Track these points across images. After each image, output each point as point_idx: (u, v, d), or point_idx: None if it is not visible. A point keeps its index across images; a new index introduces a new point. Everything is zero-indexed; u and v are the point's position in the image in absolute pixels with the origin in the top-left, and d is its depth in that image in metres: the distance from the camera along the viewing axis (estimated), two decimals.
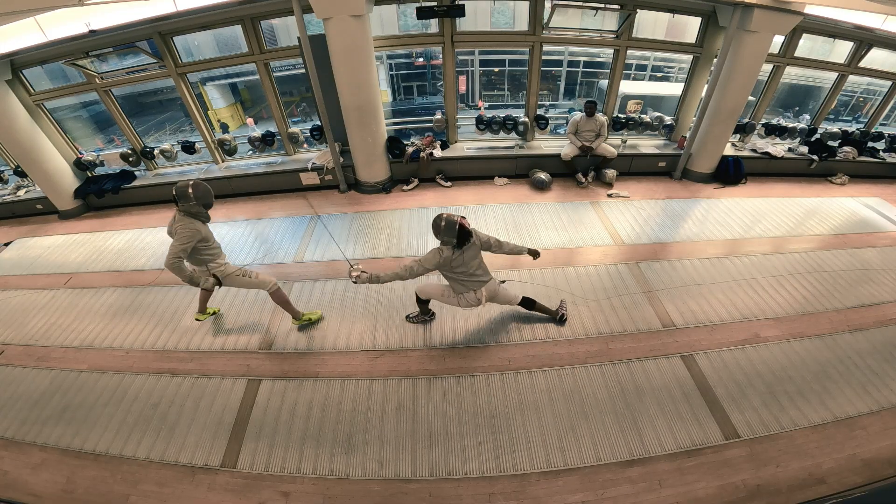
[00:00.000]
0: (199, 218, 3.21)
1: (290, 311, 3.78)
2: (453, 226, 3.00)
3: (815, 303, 4.06)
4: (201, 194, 3.13)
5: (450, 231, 3.00)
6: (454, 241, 3.03)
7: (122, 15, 4.72)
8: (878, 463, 2.78)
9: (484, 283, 3.33)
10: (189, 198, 3.09)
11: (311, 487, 2.74)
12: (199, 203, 3.14)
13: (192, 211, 3.15)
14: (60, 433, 3.20)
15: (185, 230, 3.10)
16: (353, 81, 5.08)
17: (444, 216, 3.02)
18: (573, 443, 2.90)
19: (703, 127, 5.86)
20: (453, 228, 2.99)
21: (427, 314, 3.87)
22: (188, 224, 3.13)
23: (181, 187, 3.10)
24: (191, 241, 3.10)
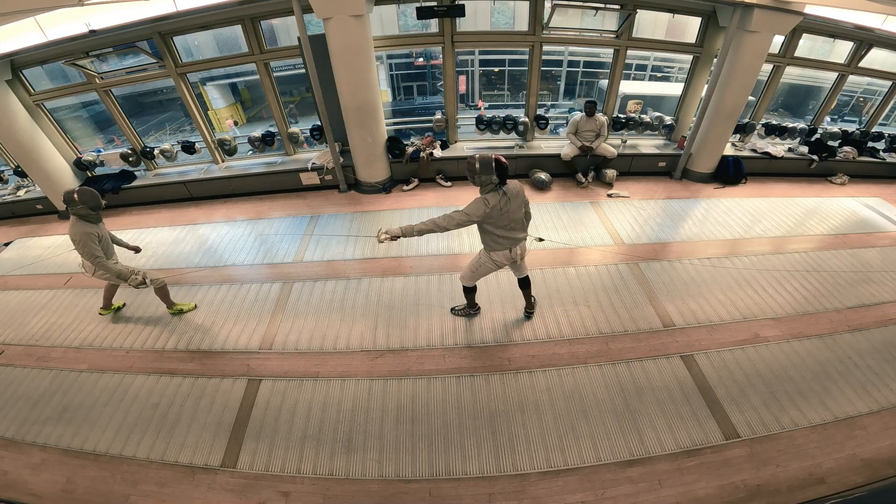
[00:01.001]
0: (88, 220, 3.48)
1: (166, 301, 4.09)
2: (489, 162, 2.74)
3: (815, 303, 4.06)
4: (87, 198, 3.38)
5: (486, 168, 2.74)
6: (496, 180, 2.78)
7: (122, 15, 4.71)
8: (878, 463, 2.78)
9: (521, 240, 3.15)
10: (75, 202, 3.33)
11: (311, 487, 2.74)
12: (86, 206, 3.38)
13: (82, 213, 3.41)
14: (60, 433, 3.20)
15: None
16: (353, 81, 5.08)
17: (475, 156, 2.77)
18: (573, 443, 2.90)
19: (703, 127, 5.86)
20: (490, 165, 2.74)
21: (473, 307, 3.80)
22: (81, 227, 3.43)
23: (68, 193, 3.37)
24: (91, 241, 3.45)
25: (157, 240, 5.46)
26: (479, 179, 2.82)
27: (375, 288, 4.28)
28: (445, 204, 5.74)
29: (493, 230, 3.00)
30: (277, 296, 4.29)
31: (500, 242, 3.07)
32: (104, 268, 3.54)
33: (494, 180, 2.80)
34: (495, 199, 2.83)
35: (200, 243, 5.32)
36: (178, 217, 6.00)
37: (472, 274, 3.42)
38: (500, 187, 2.85)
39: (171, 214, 6.10)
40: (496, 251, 3.14)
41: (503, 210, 2.89)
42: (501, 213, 2.90)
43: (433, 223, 2.89)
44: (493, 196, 2.83)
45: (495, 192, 2.85)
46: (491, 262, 3.22)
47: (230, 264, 4.87)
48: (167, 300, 4.09)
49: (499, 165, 2.77)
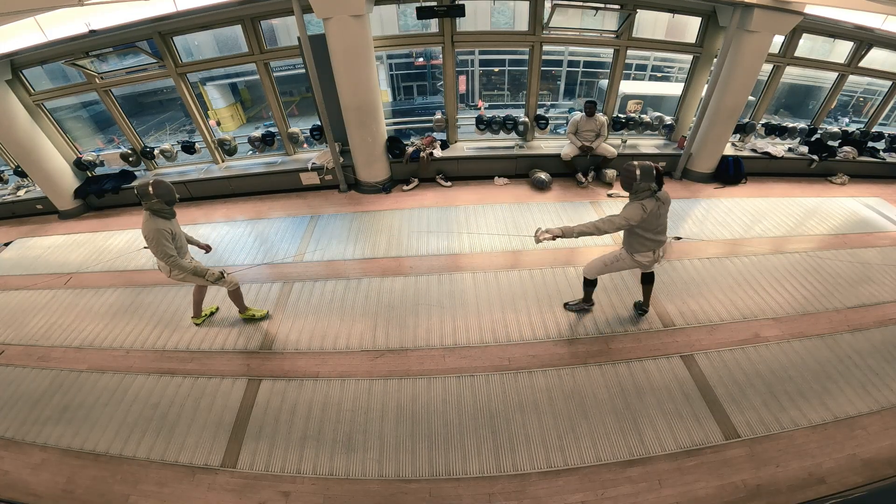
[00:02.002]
0: (162, 215, 3.23)
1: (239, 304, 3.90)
2: (650, 170, 2.86)
3: (815, 303, 4.06)
4: (163, 192, 3.16)
5: (647, 177, 2.86)
6: (655, 187, 2.89)
7: (122, 15, 4.72)
8: (878, 463, 2.78)
9: (664, 242, 3.24)
10: (150, 196, 3.11)
11: (311, 487, 2.74)
12: (161, 200, 3.16)
13: (155, 208, 3.18)
14: (60, 433, 3.20)
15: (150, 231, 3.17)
16: (353, 81, 5.08)
17: (634, 163, 2.91)
18: (573, 443, 2.90)
19: (703, 127, 5.86)
20: (651, 173, 2.86)
21: (589, 302, 3.83)
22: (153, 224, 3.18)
23: (142, 186, 3.13)
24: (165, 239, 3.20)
25: None
26: (638, 186, 2.92)
27: (375, 288, 4.28)
28: (445, 204, 5.74)
29: (643, 233, 3.11)
30: (277, 296, 4.29)
31: (647, 245, 3.19)
32: (179, 267, 3.31)
33: (653, 187, 2.92)
34: (651, 204, 2.95)
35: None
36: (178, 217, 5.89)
37: (603, 268, 3.48)
38: (655, 194, 2.97)
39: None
40: (641, 253, 3.24)
41: (656, 215, 3.02)
42: (654, 218, 3.03)
43: (593, 226, 3.00)
44: (649, 202, 2.95)
45: (651, 198, 2.96)
46: (633, 261, 3.32)
47: (230, 264, 4.87)
48: (241, 304, 3.89)
49: (658, 173, 2.90)
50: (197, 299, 3.95)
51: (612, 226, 2.98)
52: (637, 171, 2.89)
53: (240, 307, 3.93)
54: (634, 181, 2.91)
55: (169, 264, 3.30)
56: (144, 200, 3.13)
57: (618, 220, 2.97)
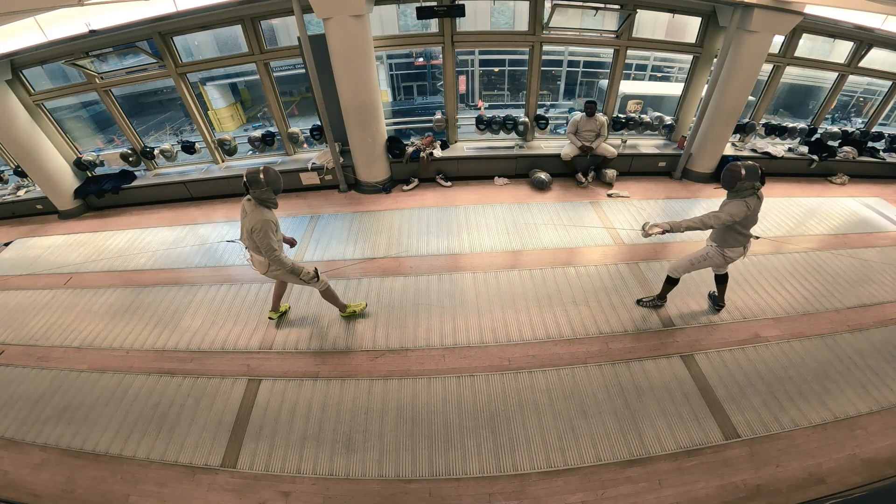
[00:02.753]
0: (268, 205, 3.10)
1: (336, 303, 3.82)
2: (756, 170, 2.93)
3: (815, 303, 4.06)
4: (272, 180, 3.02)
5: (753, 176, 2.93)
6: (759, 185, 2.98)
7: (122, 15, 4.72)
8: (878, 463, 2.78)
9: (752, 237, 3.33)
10: (260, 183, 2.96)
11: (311, 487, 2.74)
12: (270, 189, 3.02)
13: (263, 197, 3.04)
14: (60, 433, 3.20)
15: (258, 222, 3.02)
16: (353, 81, 5.08)
17: (739, 163, 2.97)
18: (573, 443, 2.90)
19: (703, 127, 5.86)
20: (756, 173, 2.93)
21: (663, 299, 3.90)
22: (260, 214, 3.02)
23: (252, 173, 2.97)
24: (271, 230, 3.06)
25: (157, 240, 5.46)
26: (742, 185, 2.99)
27: (375, 288, 4.28)
28: (445, 204, 5.74)
29: (741, 229, 3.21)
30: None
31: (740, 241, 3.29)
32: (279, 262, 3.16)
33: (757, 185, 2.99)
34: (753, 202, 3.05)
35: (200, 243, 5.31)
36: (178, 217, 6.01)
37: (690, 266, 3.58)
38: (757, 192, 3.06)
39: (171, 214, 6.10)
40: (733, 248, 3.34)
41: (755, 212, 3.13)
42: (753, 215, 3.14)
43: (700, 221, 3.10)
44: (752, 200, 3.04)
45: (754, 196, 3.05)
46: (722, 257, 3.41)
47: (230, 264, 4.87)
48: (338, 303, 3.79)
49: (762, 173, 2.99)
50: (278, 293, 3.87)
51: (718, 221, 3.08)
52: (742, 171, 2.95)
53: (338, 306, 3.84)
54: (739, 180, 2.98)
55: (271, 259, 3.15)
56: (253, 188, 2.97)
57: (723, 216, 3.06)
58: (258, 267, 3.36)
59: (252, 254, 3.32)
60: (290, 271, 3.28)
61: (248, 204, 3.09)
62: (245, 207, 3.14)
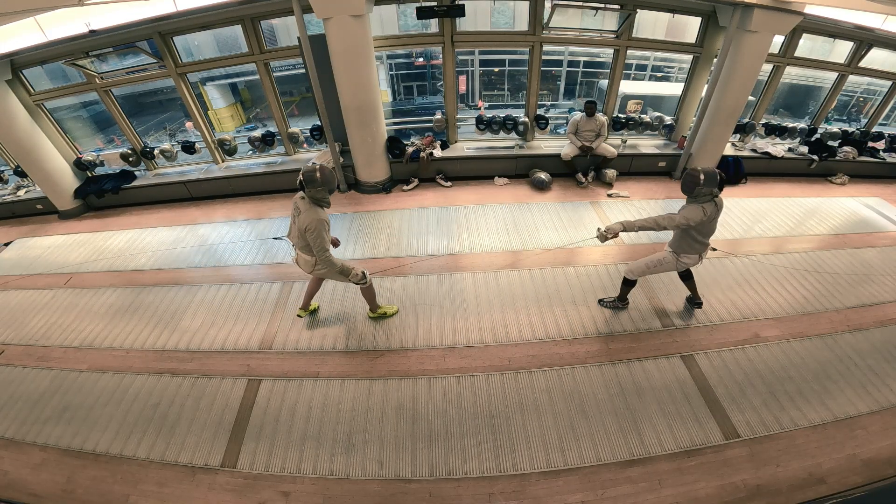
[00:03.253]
0: (322, 204, 3.09)
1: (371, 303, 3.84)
2: (714, 177, 2.93)
3: (815, 303, 4.06)
4: (328, 179, 3.01)
5: (711, 182, 2.93)
6: (716, 192, 2.98)
7: (122, 15, 4.72)
8: (878, 463, 2.78)
9: (708, 245, 3.35)
10: (317, 182, 2.96)
11: (311, 487, 2.74)
12: (325, 188, 3.00)
13: (318, 196, 3.03)
14: (60, 433, 3.20)
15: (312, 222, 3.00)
16: (353, 81, 5.08)
17: (698, 168, 2.97)
18: (573, 443, 2.90)
19: (703, 127, 5.86)
20: (715, 179, 2.93)
21: (624, 301, 3.88)
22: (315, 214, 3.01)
23: (308, 171, 2.96)
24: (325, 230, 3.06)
25: (157, 240, 5.46)
26: (700, 190, 2.97)
27: (375, 288, 4.27)
28: (445, 204, 5.74)
29: (696, 236, 3.21)
30: (277, 296, 4.29)
31: (696, 248, 3.30)
32: (329, 263, 3.16)
33: (715, 192, 3.01)
34: (710, 208, 3.05)
35: (200, 243, 5.31)
36: (178, 217, 6.01)
37: (646, 269, 3.57)
38: (715, 199, 3.06)
39: (171, 214, 6.11)
40: (689, 255, 3.35)
41: (712, 219, 3.11)
42: (710, 222, 3.12)
43: (654, 221, 3.10)
44: (709, 206, 3.05)
45: (711, 202, 3.06)
46: (678, 263, 3.43)
47: (230, 264, 4.87)
48: (373, 302, 3.81)
49: (721, 180, 2.97)
50: (311, 292, 3.83)
51: (672, 223, 3.08)
52: (701, 177, 2.94)
53: (371, 305, 3.84)
54: (697, 185, 2.97)
55: (321, 259, 3.15)
56: (309, 187, 2.96)
57: (678, 218, 3.07)
58: (303, 266, 3.35)
59: (298, 252, 3.30)
60: (339, 272, 3.30)
61: (302, 202, 3.07)
62: (298, 205, 3.10)
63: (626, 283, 3.74)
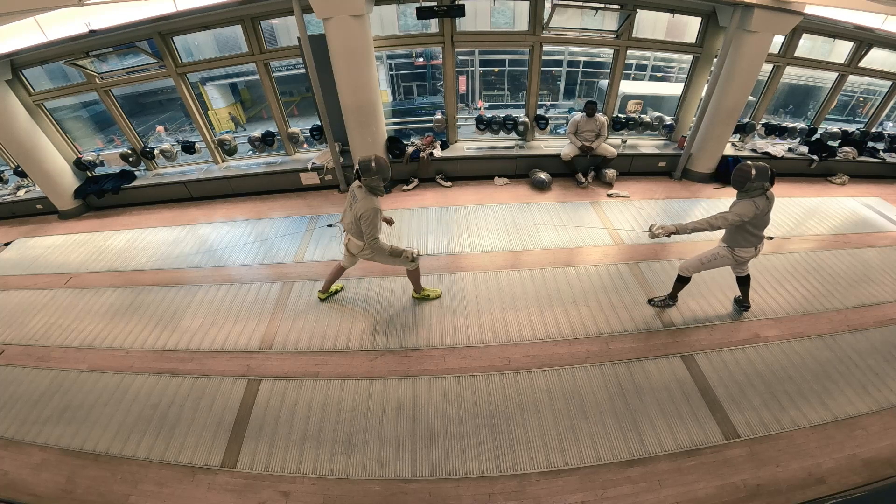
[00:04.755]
0: (377, 192, 3.25)
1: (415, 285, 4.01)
2: (766, 171, 2.93)
3: (815, 303, 4.06)
4: (383, 168, 3.16)
5: (763, 177, 2.94)
6: (768, 186, 2.98)
7: (122, 15, 4.71)
8: (878, 463, 2.78)
9: (764, 238, 3.33)
10: (371, 171, 3.12)
11: (311, 487, 2.74)
12: (380, 177, 3.16)
13: (373, 185, 3.19)
14: (60, 433, 3.20)
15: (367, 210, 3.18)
16: (353, 81, 5.08)
17: (748, 163, 2.97)
18: (573, 443, 2.90)
19: (703, 127, 5.86)
20: (766, 173, 2.93)
21: (674, 298, 3.90)
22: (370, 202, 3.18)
23: (364, 161, 3.14)
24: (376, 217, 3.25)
25: (157, 240, 5.46)
26: (752, 185, 2.99)
27: (375, 288, 4.28)
28: (445, 204, 5.74)
29: (752, 230, 3.20)
30: (277, 296, 4.29)
31: (751, 241, 3.29)
32: (378, 248, 3.37)
33: (766, 186, 3.00)
34: (763, 202, 3.05)
35: (200, 243, 5.32)
36: (178, 217, 6.01)
37: (700, 265, 3.58)
38: (766, 192, 3.06)
39: (171, 214, 6.11)
40: (745, 248, 3.33)
41: (765, 212, 3.12)
42: (763, 215, 3.13)
43: (707, 223, 3.14)
44: (761, 200, 3.04)
45: (763, 196, 3.05)
46: (733, 257, 3.41)
47: (230, 264, 4.87)
48: (418, 284, 3.98)
49: (772, 174, 2.98)
50: (333, 278, 4.01)
51: (726, 222, 3.09)
52: (753, 171, 2.96)
53: (416, 287, 4.00)
54: (749, 180, 2.99)
55: (370, 245, 3.32)
56: (365, 176, 3.13)
57: (731, 216, 3.07)
58: (353, 249, 3.55)
59: (351, 237, 3.49)
60: (390, 254, 3.47)
61: (359, 191, 3.23)
62: (356, 194, 3.26)
63: (679, 279, 3.75)
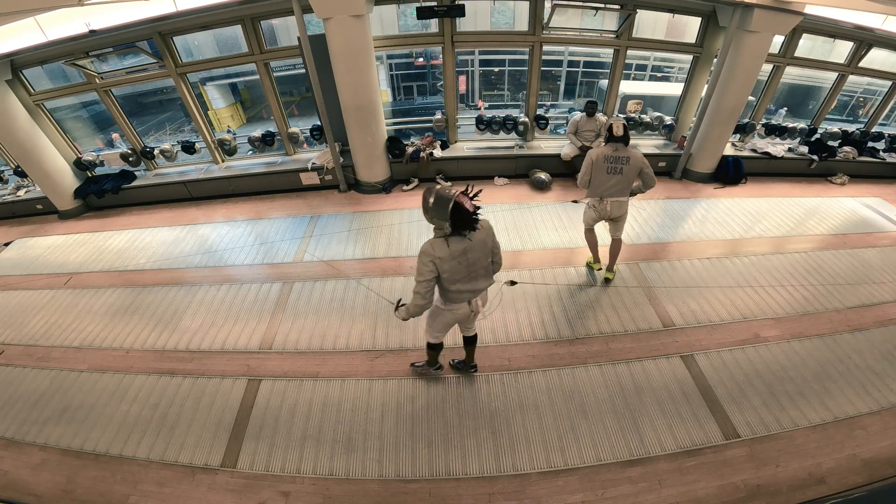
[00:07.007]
0: None
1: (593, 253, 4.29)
2: (445, 203, 2.14)
3: (815, 303, 4.06)
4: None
5: (440, 209, 2.15)
6: (447, 228, 2.19)
7: (122, 15, 4.71)
8: (878, 463, 2.78)
9: (481, 290, 2.60)
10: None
11: (311, 487, 2.74)
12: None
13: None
14: (60, 433, 3.20)
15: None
16: (353, 81, 5.08)
17: (434, 189, 2.18)
18: (573, 443, 2.90)
19: (703, 127, 5.86)
20: (445, 206, 2.14)
21: (434, 365, 3.25)
22: None
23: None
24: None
25: (158, 240, 5.46)
26: (429, 219, 2.25)
27: (375, 288, 4.27)
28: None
29: (445, 283, 2.44)
30: (277, 296, 4.29)
31: (451, 297, 2.54)
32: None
33: (445, 229, 2.23)
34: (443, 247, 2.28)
35: (200, 243, 5.32)
36: (178, 217, 6.01)
37: (431, 327, 2.88)
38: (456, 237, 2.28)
39: (171, 214, 6.10)
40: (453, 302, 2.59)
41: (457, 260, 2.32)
42: (456, 263, 2.32)
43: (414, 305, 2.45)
44: (440, 245, 2.29)
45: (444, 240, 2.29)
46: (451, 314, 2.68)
47: (230, 264, 4.87)
48: (595, 251, 4.28)
49: (458, 212, 2.17)
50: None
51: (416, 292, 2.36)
52: (431, 200, 2.17)
53: (594, 255, 4.33)
54: (426, 211, 2.20)
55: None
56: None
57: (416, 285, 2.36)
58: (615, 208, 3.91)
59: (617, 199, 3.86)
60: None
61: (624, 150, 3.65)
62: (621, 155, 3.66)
63: (430, 346, 3.04)
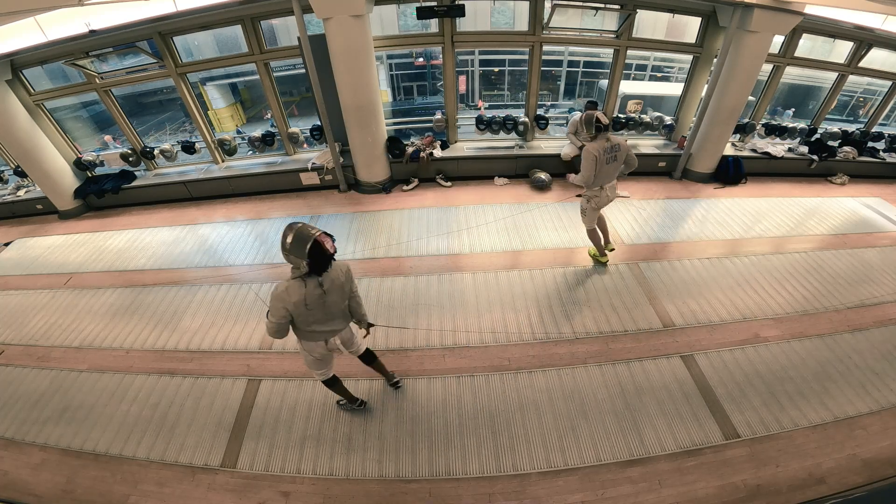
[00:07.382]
0: None
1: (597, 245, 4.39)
2: (304, 241, 2.04)
3: (815, 303, 4.06)
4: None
5: (298, 247, 2.04)
6: (303, 268, 2.10)
7: (122, 15, 4.71)
8: (878, 463, 2.78)
9: (338, 331, 2.53)
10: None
11: (311, 487, 2.74)
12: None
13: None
14: (60, 433, 3.20)
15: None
16: (353, 81, 5.08)
17: (295, 226, 2.07)
18: (573, 443, 2.90)
19: (703, 127, 5.86)
20: (303, 244, 2.04)
21: (354, 402, 3.07)
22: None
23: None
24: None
25: (157, 240, 5.46)
26: (287, 257, 2.13)
27: (375, 288, 4.28)
28: (445, 204, 5.74)
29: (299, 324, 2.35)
30: None
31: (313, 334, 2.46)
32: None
33: (302, 268, 2.12)
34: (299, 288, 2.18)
35: (200, 243, 5.32)
36: (178, 217, 6.01)
37: (312, 369, 2.74)
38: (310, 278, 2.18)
39: (171, 214, 6.10)
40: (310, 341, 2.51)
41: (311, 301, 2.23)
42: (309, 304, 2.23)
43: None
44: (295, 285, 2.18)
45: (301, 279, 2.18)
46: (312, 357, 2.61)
47: (230, 264, 4.87)
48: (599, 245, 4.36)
49: (316, 251, 2.06)
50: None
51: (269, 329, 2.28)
52: (289, 238, 2.06)
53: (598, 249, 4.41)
54: (284, 249, 2.09)
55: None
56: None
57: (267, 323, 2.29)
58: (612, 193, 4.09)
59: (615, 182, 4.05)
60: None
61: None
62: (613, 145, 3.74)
63: (326, 384, 2.88)
